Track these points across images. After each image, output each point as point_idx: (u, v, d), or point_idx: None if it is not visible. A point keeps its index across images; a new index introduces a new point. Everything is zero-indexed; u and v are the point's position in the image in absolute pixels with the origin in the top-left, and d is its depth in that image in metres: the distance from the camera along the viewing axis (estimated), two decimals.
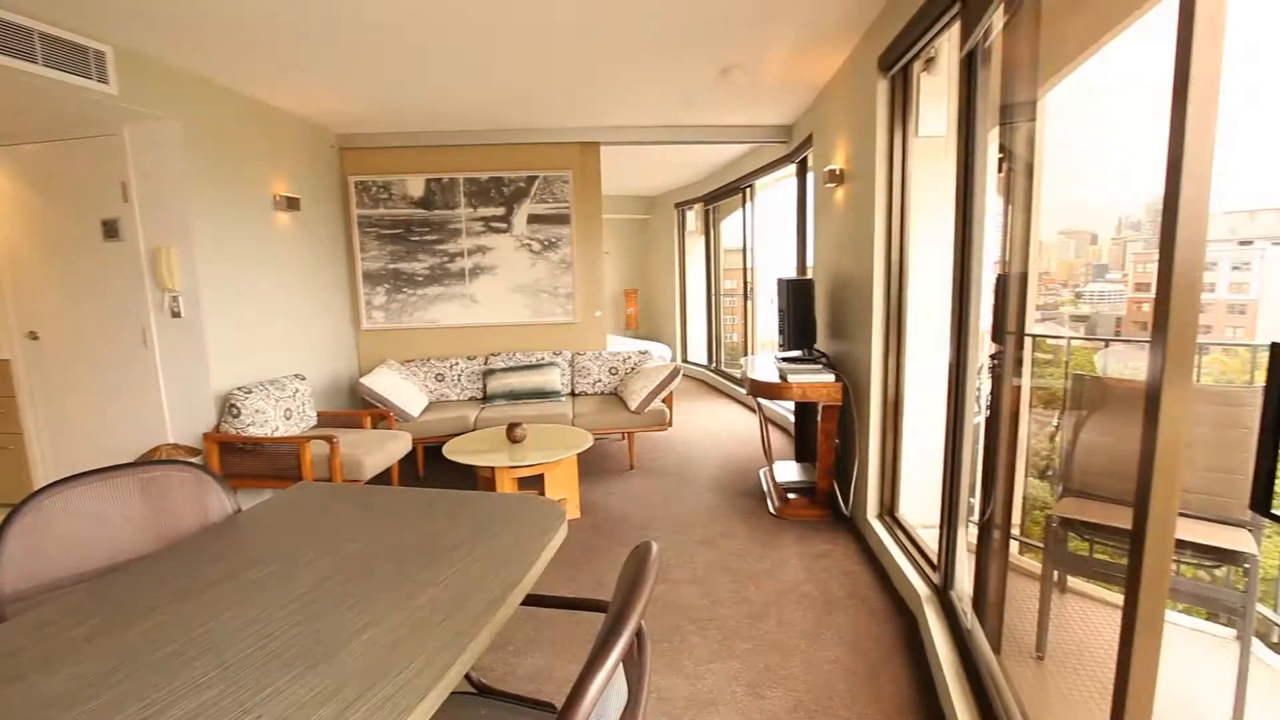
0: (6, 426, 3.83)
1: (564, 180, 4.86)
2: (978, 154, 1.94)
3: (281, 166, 4.09)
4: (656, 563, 0.95)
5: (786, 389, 3.21)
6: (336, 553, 1.26)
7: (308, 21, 2.74)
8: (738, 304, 7.47)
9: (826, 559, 2.93)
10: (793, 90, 3.96)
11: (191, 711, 0.81)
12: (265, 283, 3.92)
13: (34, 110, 3.08)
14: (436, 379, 4.67)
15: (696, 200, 7.65)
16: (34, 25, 2.60)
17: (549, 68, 3.43)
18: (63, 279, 3.58)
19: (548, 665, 2.19)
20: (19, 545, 1.30)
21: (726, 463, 4.46)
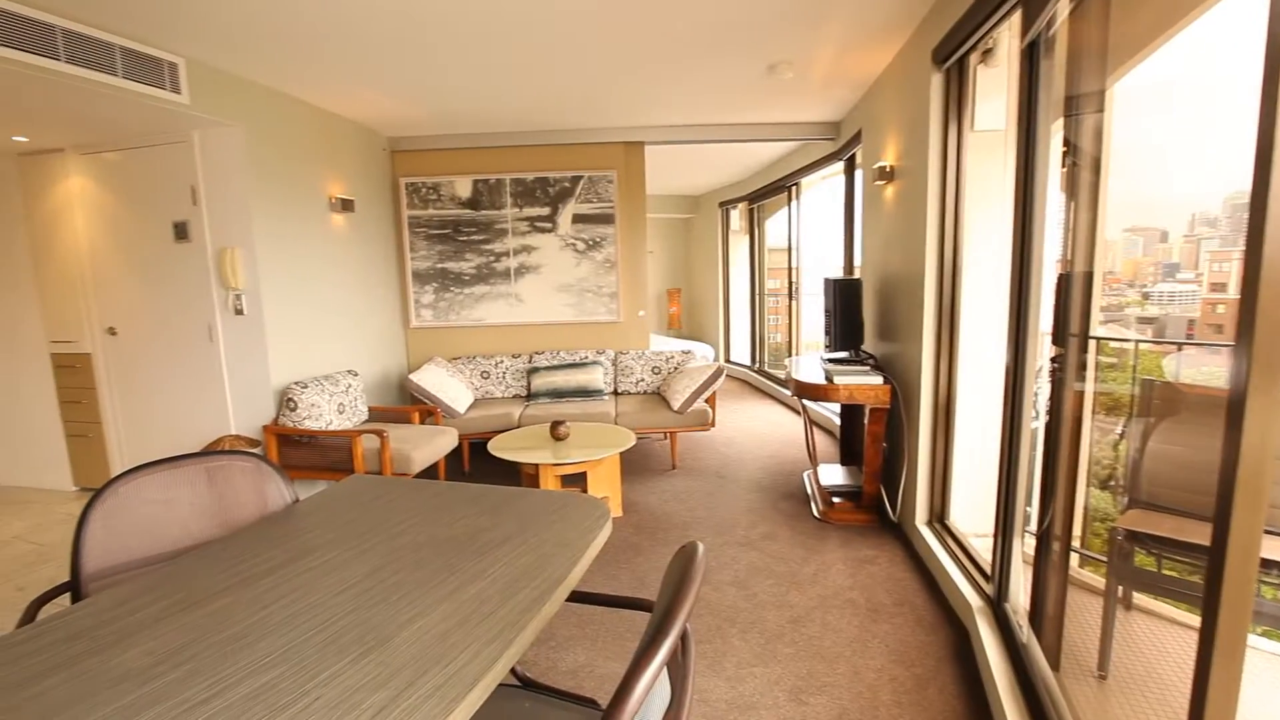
0: (88, 416, 4.09)
1: (608, 180, 4.89)
2: (1039, 148, 1.86)
3: (337, 169, 4.24)
4: (703, 564, 0.94)
5: (832, 391, 3.14)
6: (388, 544, 1.30)
7: (363, 30, 2.83)
8: (782, 304, 7.36)
9: (872, 565, 2.86)
10: (841, 86, 3.88)
11: (255, 690, 0.85)
12: (321, 282, 4.08)
13: (115, 120, 3.27)
14: (482, 376, 4.76)
15: (741, 199, 7.58)
16: (115, 40, 2.77)
17: (595, 68, 3.46)
18: (138, 278, 3.81)
19: (589, 661, 2.20)
20: (100, 527, 1.39)
21: (769, 464, 4.41)
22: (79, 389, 4.08)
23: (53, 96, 2.83)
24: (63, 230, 3.93)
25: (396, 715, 0.79)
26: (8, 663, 0.93)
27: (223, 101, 3.30)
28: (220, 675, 0.88)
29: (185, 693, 0.85)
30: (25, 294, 4.11)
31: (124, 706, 0.83)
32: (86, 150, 3.77)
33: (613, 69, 3.48)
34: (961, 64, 2.57)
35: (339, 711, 0.80)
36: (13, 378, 4.25)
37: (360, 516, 1.46)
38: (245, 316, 3.60)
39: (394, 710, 0.80)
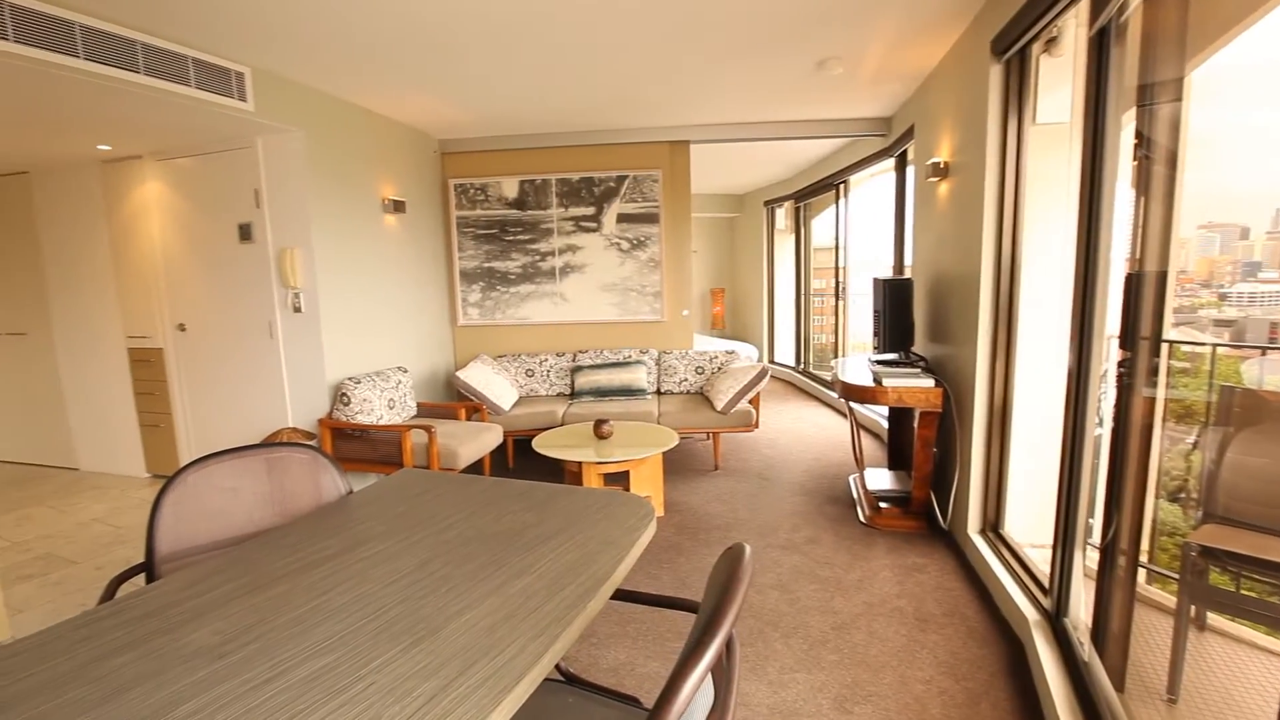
0: (159, 407, 4.34)
1: (653, 179, 4.89)
2: (1108, 141, 1.77)
3: (389, 171, 4.37)
4: (750, 566, 0.93)
5: (881, 393, 3.06)
6: (437, 537, 1.33)
7: (416, 35, 2.90)
8: (828, 304, 7.22)
9: (921, 573, 2.78)
10: (892, 81, 3.78)
11: (314, 673, 0.88)
12: (373, 280, 4.21)
13: (187, 128, 3.45)
14: (527, 374, 4.84)
15: (786, 198, 7.48)
16: (188, 52, 2.92)
17: (642, 69, 3.46)
18: (206, 277, 4.01)
19: (629, 660, 2.21)
20: (171, 513, 1.47)
21: (814, 467, 4.33)
22: (152, 382, 4.33)
23: (132, 107, 3.00)
24: (139, 232, 4.17)
25: (446, 704, 0.81)
26: (92, 637, 1.00)
27: (284, 108, 3.44)
28: (281, 657, 0.92)
29: (249, 672, 0.89)
30: (107, 293, 4.38)
31: (195, 683, 0.87)
32: (161, 157, 4.00)
33: (659, 69, 3.48)
34: (1023, 55, 2.47)
35: (392, 698, 0.82)
36: (95, 371, 4.54)
37: (410, 510, 1.50)
38: (303, 314, 3.75)
39: (444, 699, 0.82)
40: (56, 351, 4.67)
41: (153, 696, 0.84)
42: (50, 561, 3.18)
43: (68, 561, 3.17)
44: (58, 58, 2.47)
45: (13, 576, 2.98)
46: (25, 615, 2.64)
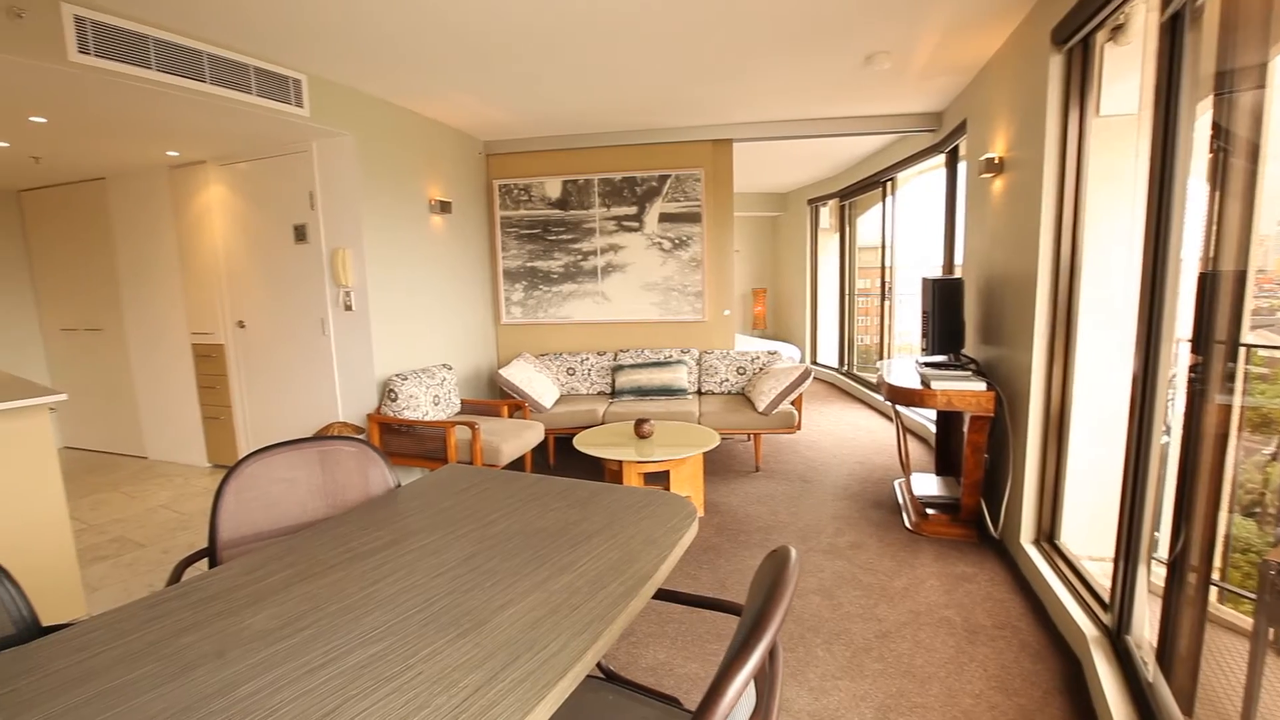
0: (220, 400, 4.55)
1: (696, 178, 4.87)
2: (1180, 132, 1.67)
3: (436, 173, 4.47)
4: (796, 569, 0.91)
5: (929, 396, 2.98)
6: (482, 532, 1.35)
7: (464, 40, 2.96)
8: (872, 304, 7.06)
9: (970, 583, 2.69)
10: (944, 74, 3.66)
11: (365, 660, 0.90)
12: (420, 280, 4.32)
13: (248, 133, 3.61)
14: (568, 373, 4.88)
15: (831, 196, 7.34)
16: (249, 61, 3.05)
17: (685, 68, 3.45)
18: (263, 276, 4.18)
19: (668, 660, 2.20)
20: (233, 501, 1.54)
21: (857, 471, 4.24)
22: (213, 376, 4.54)
23: (198, 114, 3.15)
24: (203, 233, 4.38)
25: (491, 696, 0.82)
26: (161, 616, 1.05)
27: (337, 113, 3.56)
28: (334, 643, 0.95)
29: (305, 656, 0.92)
30: (173, 291, 4.62)
31: (255, 664, 0.91)
32: (224, 161, 4.19)
33: (701, 67, 3.46)
34: (1086, 43, 2.36)
35: (439, 687, 0.84)
36: (162, 365, 4.79)
37: (456, 504, 1.53)
38: (353, 312, 3.87)
39: (489, 691, 0.83)
40: (128, 346, 4.95)
41: (217, 675, 0.88)
42: (122, 544, 3.36)
43: (137, 544, 3.35)
44: (134, 70, 2.61)
45: (89, 557, 3.17)
46: (100, 593, 2.80)
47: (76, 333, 5.26)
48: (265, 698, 0.83)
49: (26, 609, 1.10)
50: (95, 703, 0.84)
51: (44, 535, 2.33)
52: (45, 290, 5.39)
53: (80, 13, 2.45)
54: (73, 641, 0.99)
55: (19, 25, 2.30)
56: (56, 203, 5.09)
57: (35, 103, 2.92)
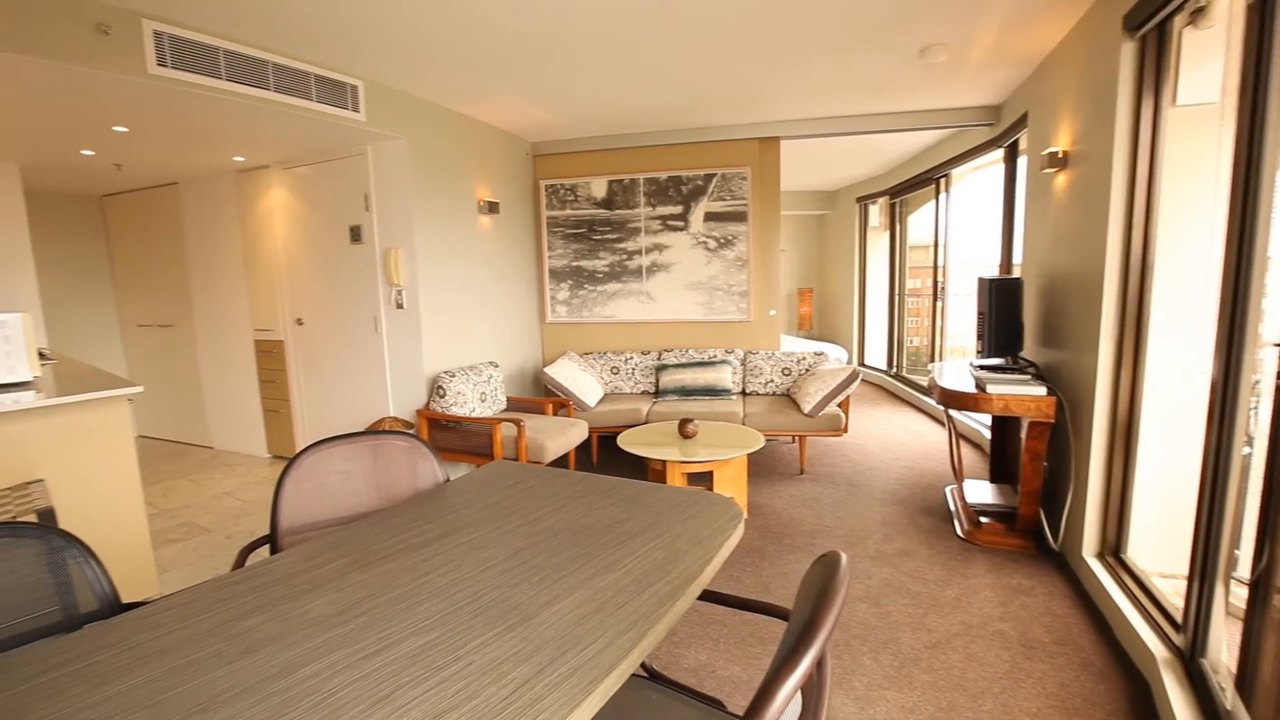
0: (279, 394, 4.75)
1: (742, 177, 4.82)
2: (1269, 121, 1.56)
3: (485, 174, 4.56)
4: (847, 575, 0.89)
5: (984, 401, 2.87)
6: (528, 528, 1.37)
7: (513, 42, 3.01)
8: (923, 305, 6.86)
9: (1027, 596, 2.58)
10: (1003, 66, 3.52)
11: (417, 649, 0.93)
12: (469, 278, 4.41)
13: (307, 138, 3.76)
14: (612, 371, 4.90)
15: (881, 193, 7.16)
16: (310, 69, 3.17)
17: (733, 66, 3.42)
18: (321, 275, 4.35)
19: (710, 661, 2.19)
20: (292, 491, 1.60)
21: (906, 476, 4.12)
22: (273, 370, 4.75)
23: (263, 120, 3.30)
24: (266, 235, 4.59)
25: (539, 690, 0.83)
26: (227, 599, 1.10)
27: (391, 117, 3.67)
28: (387, 631, 0.98)
29: (360, 642, 0.95)
30: (238, 289, 4.85)
31: (314, 647, 0.94)
32: (286, 165, 4.37)
33: (751, 65, 3.42)
34: (1162, 29, 2.23)
35: (488, 678, 0.86)
36: (227, 360, 5.04)
37: (503, 500, 1.56)
38: (404, 310, 3.99)
39: (536, 684, 0.84)
40: (197, 341, 5.23)
41: (280, 656, 0.92)
42: (190, 528, 3.55)
43: (204, 529, 3.53)
44: (206, 80, 2.75)
45: (160, 540, 3.36)
46: (170, 574, 2.97)
47: (151, 328, 5.59)
48: (323, 680, 0.86)
49: (109, 586, 1.18)
50: (170, 677, 0.88)
51: (122, 518, 2.48)
52: (124, 288, 5.74)
53: (159, 28, 2.59)
54: (149, 619, 1.05)
55: (105, 41, 2.46)
56: (134, 207, 5.42)
57: (118, 113, 3.11)
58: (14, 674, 0.91)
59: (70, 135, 3.52)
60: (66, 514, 2.13)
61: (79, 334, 5.53)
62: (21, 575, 1.12)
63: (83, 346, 5.48)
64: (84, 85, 2.64)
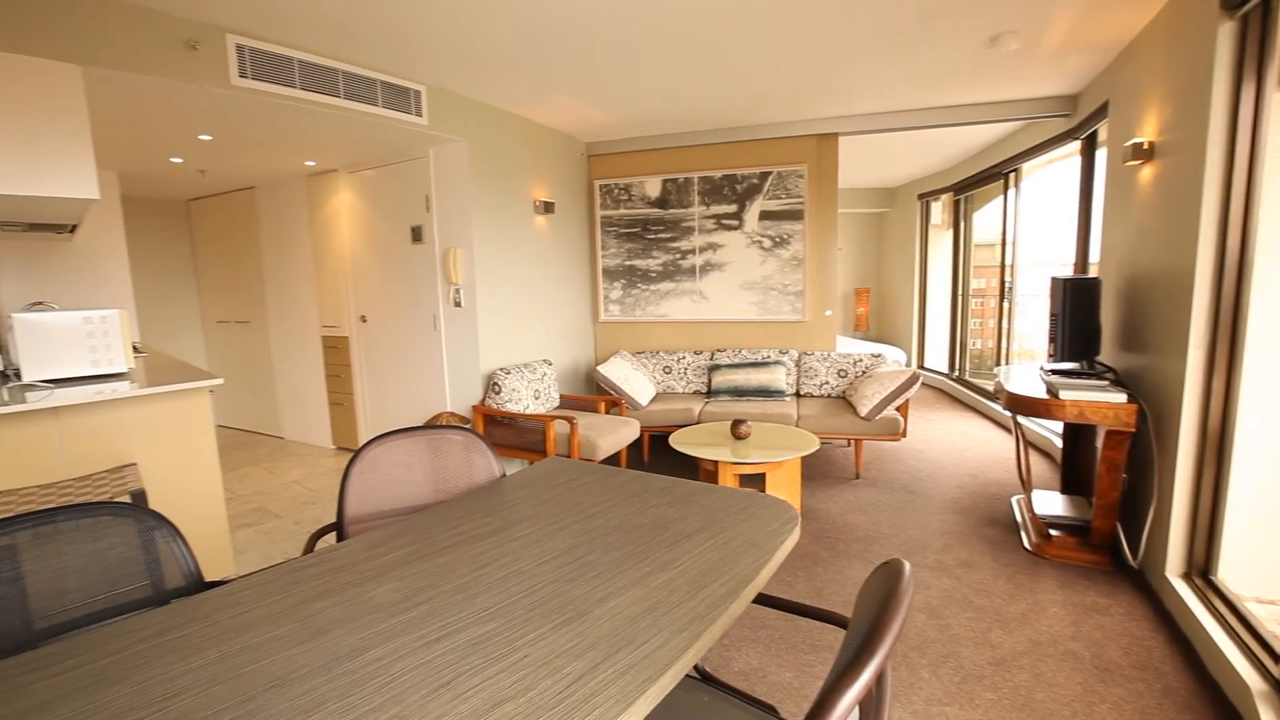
0: (344, 388, 4.96)
1: (798, 175, 4.73)
2: None
3: (541, 175, 4.63)
4: (911, 585, 0.86)
5: (1057, 407, 2.72)
6: (583, 524, 1.38)
7: (565, 47, 3.04)
8: (988, 306, 6.57)
9: (1102, 615, 2.43)
10: (1081, 53, 3.33)
11: (477, 638, 0.95)
12: (524, 278, 4.49)
13: (373, 143, 3.91)
14: (664, 371, 4.90)
15: (944, 190, 6.89)
16: (377, 76, 3.30)
17: (792, 59, 3.36)
18: (383, 274, 4.52)
19: (761, 666, 2.16)
20: (358, 481, 1.67)
21: (968, 484, 3.96)
22: (339, 365, 4.96)
23: (332, 126, 3.45)
24: (334, 235, 4.80)
25: (593, 685, 0.83)
26: (299, 582, 1.16)
27: (452, 120, 3.77)
28: (448, 620, 1.01)
29: (422, 630, 0.98)
30: (308, 287, 5.10)
31: (379, 632, 0.97)
32: (352, 169, 4.56)
33: (810, 59, 3.35)
34: (1266, 7, 2.05)
35: (544, 671, 0.87)
36: (296, 355, 5.31)
37: (558, 496, 1.58)
38: (462, 308, 4.09)
39: (591, 680, 0.85)
40: (270, 337, 5.52)
41: (347, 639, 0.96)
42: (262, 514, 3.76)
43: (274, 515, 3.73)
44: (282, 89, 2.90)
45: (236, 524, 3.57)
46: (244, 556, 3.14)
47: (229, 324, 5.94)
48: (387, 664, 0.89)
49: (194, 564, 1.25)
50: (248, 653, 0.93)
51: (203, 502, 2.64)
52: (206, 286, 6.12)
53: (241, 41, 2.75)
54: (229, 597, 1.11)
55: (194, 56, 2.63)
56: (216, 210, 5.77)
57: (204, 123, 3.32)
58: (118, 641, 0.98)
59: (162, 144, 3.77)
60: (154, 496, 2.28)
61: (166, 329, 5.94)
62: (120, 551, 1.21)
63: (169, 341, 5.88)
64: (175, 97, 2.83)
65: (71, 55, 2.33)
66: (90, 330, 2.56)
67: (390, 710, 0.80)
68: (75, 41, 2.34)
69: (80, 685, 0.87)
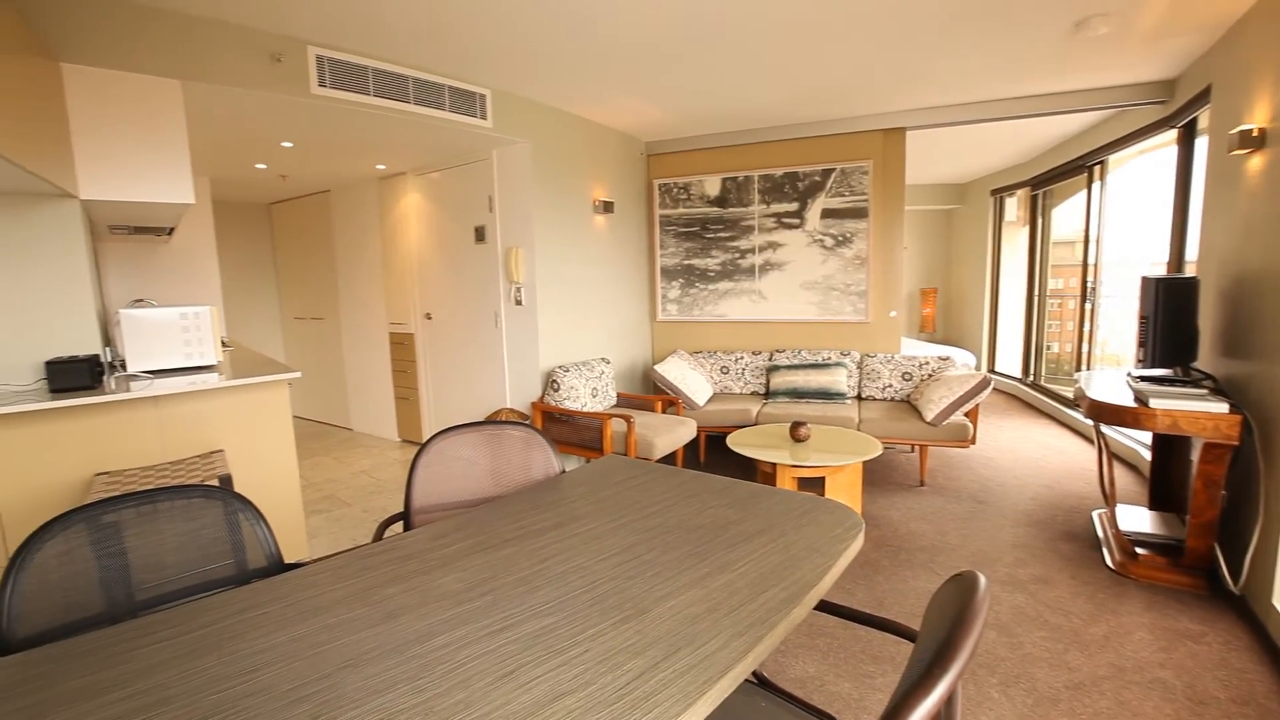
0: (409, 383, 5.15)
1: (863, 171, 4.59)
2: None
3: (600, 175, 4.67)
4: (986, 600, 0.82)
5: (1146, 417, 2.53)
6: (642, 523, 1.38)
7: (626, 48, 3.05)
8: (1067, 307, 6.19)
9: (1196, 643, 2.25)
10: (1180, 35, 3.09)
11: (538, 631, 0.96)
12: (583, 277, 4.54)
13: (440, 146, 4.04)
14: (721, 371, 4.86)
15: (1020, 184, 6.55)
16: (444, 81, 3.40)
17: (860, 52, 3.26)
18: (448, 273, 4.66)
19: (818, 674, 2.10)
20: (424, 474, 1.72)
21: (1044, 495, 3.74)
22: (405, 361, 5.16)
23: (402, 131, 3.59)
24: (402, 236, 4.99)
25: (653, 684, 0.83)
26: (370, 568, 1.20)
27: (515, 122, 3.86)
28: (510, 611, 1.03)
29: (486, 619, 1.00)
30: (377, 286, 5.32)
31: (445, 620, 1.00)
32: (420, 172, 4.73)
33: (879, 52, 3.24)
34: None
35: (604, 667, 0.87)
36: (366, 351, 5.55)
37: (617, 494, 1.58)
38: (523, 306, 4.18)
39: (651, 679, 0.84)
40: (341, 333, 5.80)
41: (415, 625, 0.99)
42: (333, 501, 3.95)
43: (344, 503, 3.91)
44: (357, 97, 3.04)
45: (309, 510, 3.76)
46: (317, 540, 3.31)
47: (305, 321, 6.27)
48: (453, 651, 0.92)
49: (274, 546, 1.33)
50: (324, 632, 0.98)
51: (281, 487, 2.80)
52: (285, 285, 6.49)
53: (321, 52, 2.89)
54: (306, 579, 1.17)
55: (278, 68, 2.78)
56: (294, 212, 6.10)
57: (285, 130, 3.51)
58: (208, 615, 1.05)
59: (248, 151, 4.02)
60: (238, 481, 2.43)
61: (250, 324, 6.33)
62: (210, 531, 1.30)
63: (252, 336, 6.26)
64: (260, 107, 3.00)
65: (172, 71, 2.51)
66: (185, 325, 2.76)
67: (457, 695, 0.82)
68: (175, 58, 2.52)
69: (177, 654, 0.94)
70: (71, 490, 2.21)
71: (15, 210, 2.32)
